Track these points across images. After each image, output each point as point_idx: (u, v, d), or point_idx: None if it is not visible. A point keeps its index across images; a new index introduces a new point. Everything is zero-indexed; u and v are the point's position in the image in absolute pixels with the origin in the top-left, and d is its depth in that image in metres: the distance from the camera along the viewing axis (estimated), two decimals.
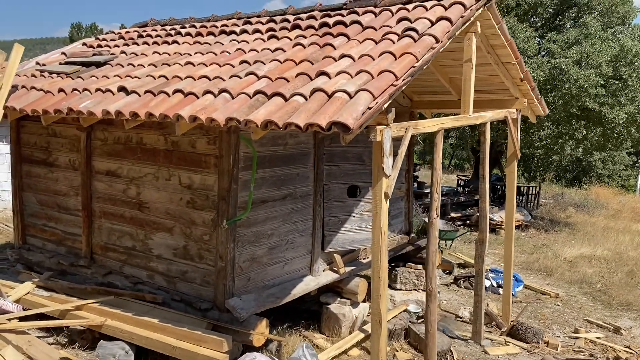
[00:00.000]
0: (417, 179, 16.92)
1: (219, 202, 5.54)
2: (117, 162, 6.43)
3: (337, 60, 5.02)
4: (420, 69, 4.57)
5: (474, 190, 17.73)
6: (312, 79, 4.74)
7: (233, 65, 5.58)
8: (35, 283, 6.62)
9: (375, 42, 5.22)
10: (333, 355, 6.08)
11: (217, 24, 7.23)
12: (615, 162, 25.60)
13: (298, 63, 5.22)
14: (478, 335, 6.99)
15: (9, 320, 5.77)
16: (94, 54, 7.28)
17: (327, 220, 6.81)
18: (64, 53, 7.79)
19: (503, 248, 12.09)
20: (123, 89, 5.48)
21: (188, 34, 7.21)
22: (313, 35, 5.96)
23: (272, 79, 4.93)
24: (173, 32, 7.45)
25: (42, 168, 7.33)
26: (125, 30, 8.24)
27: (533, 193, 18.98)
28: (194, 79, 5.38)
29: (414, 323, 7.03)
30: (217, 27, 7.13)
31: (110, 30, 8.81)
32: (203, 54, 6.23)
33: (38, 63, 7.53)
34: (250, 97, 4.68)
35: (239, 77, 5.15)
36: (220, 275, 5.60)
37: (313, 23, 6.24)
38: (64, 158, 7.02)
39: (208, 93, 4.91)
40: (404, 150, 4.68)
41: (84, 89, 5.85)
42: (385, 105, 4.18)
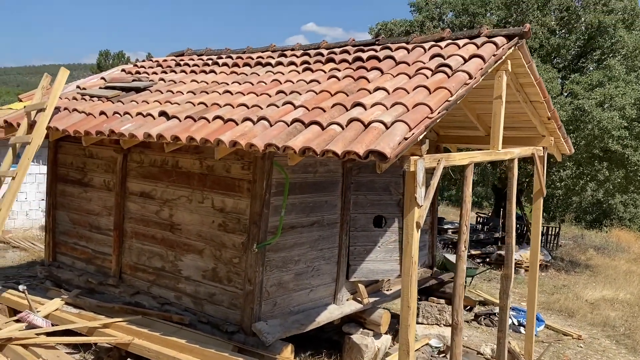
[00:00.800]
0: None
1: (250, 225, 5.67)
2: (151, 184, 6.62)
3: (371, 93, 5.18)
4: (454, 104, 4.70)
5: (494, 228, 17.67)
6: (347, 110, 4.90)
7: (270, 95, 5.78)
8: (64, 300, 6.75)
9: (409, 76, 5.38)
10: None
11: (252, 56, 7.49)
12: (637, 205, 25.35)
13: (333, 94, 5.40)
14: None
15: (38, 335, 5.89)
16: (134, 80, 7.57)
17: (352, 249, 6.88)
18: (104, 78, 8.10)
19: (523, 287, 12.03)
20: (164, 114, 5.70)
21: (225, 64, 7.48)
22: (347, 69, 6.15)
23: (308, 109, 5.10)
24: (210, 61, 7.74)
25: (76, 187, 7.55)
26: (163, 59, 8.56)
27: (552, 233, 18.82)
28: (233, 107, 5.58)
29: (435, 358, 6.98)
30: (252, 58, 7.39)
31: (148, 58, 9.16)
32: (240, 84, 6.45)
33: (79, 87, 7.83)
34: (288, 124, 4.84)
35: (276, 105, 5.34)
36: (248, 299, 5.68)
37: (347, 57, 6.45)
38: (99, 178, 7.24)
39: (247, 120, 5.09)
40: (437, 182, 4.79)
41: (125, 113, 6.09)
42: (421, 137, 4.31)
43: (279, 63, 6.99)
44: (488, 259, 14.81)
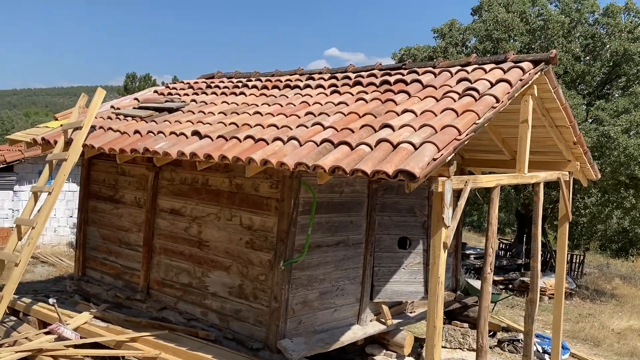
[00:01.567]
0: None
1: (277, 243, 5.77)
2: (181, 201, 6.79)
3: (399, 115, 5.29)
4: (482, 127, 4.79)
5: (517, 255, 17.45)
6: (376, 131, 5.01)
7: (299, 116, 5.93)
8: (93, 314, 6.89)
9: (436, 99, 5.49)
10: None
11: (281, 78, 7.69)
12: None
13: (362, 116, 5.52)
14: None
15: (67, 347, 6.02)
16: (166, 101, 7.82)
17: (376, 270, 6.92)
18: (137, 99, 8.37)
19: (547, 314, 11.83)
20: (196, 133, 5.88)
21: (254, 87, 7.68)
22: (374, 92, 6.29)
23: (337, 129, 5.22)
24: (240, 84, 7.96)
25: (108, 204, 7.76)
26: (194, 81, 8.82)
27: (577, 261, 18.51)
28: (263, 127, 5.73)
29: None
30: (281, 81, 7.58)
31: (175, 81, 9.44)
32: (270, 105, 6.63)
33: (113, 107, 8.11)
34: (318, 144, 4.96)
35: (306, 126, 5.47)
36: (274, 316, 5.75)
37: (374, 80, 6.59)
38: (130, 195, 7.44)
39: (277, 140, 5.24)
40: (463, 203, 4.85)
41: (159, 132, 6.28)
42: (449, 158, 4.39)
43: (307, 86, 7.17)
44: (511, 285, 14.62)
